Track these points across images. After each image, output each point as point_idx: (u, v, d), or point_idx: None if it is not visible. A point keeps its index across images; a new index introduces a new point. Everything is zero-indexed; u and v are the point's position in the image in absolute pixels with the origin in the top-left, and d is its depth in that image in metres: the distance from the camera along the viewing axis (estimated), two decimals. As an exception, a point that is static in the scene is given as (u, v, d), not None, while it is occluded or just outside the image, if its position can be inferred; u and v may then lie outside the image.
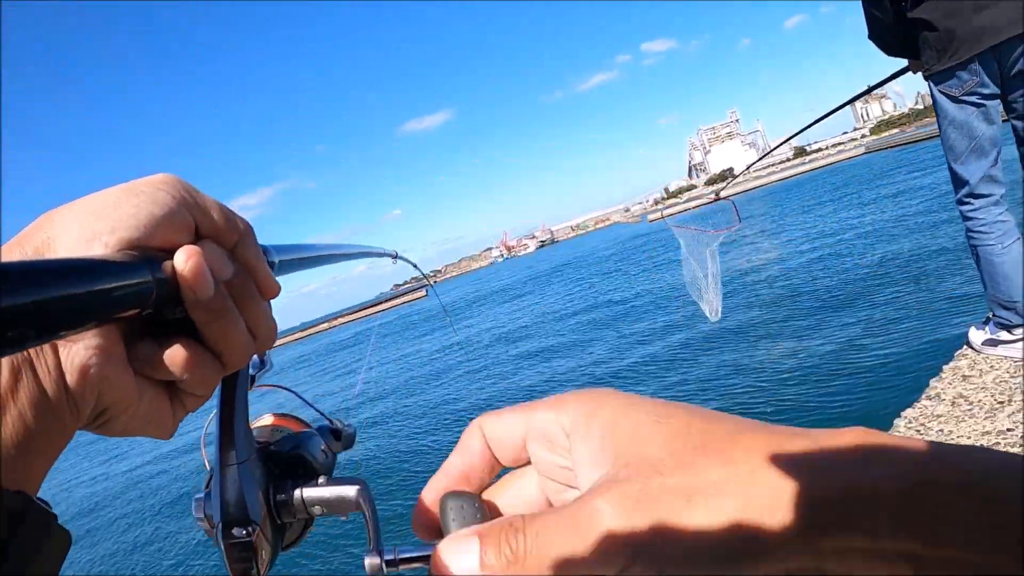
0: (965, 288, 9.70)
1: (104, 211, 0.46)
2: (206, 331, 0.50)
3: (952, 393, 3.40)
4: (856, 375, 7.65)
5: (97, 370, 0.45)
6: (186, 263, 0.46)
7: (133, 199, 0.47)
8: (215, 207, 0.53)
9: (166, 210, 0.48)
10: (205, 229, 0.51)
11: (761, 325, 11.77)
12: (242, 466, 0.63)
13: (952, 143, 3.64)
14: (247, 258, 0.54)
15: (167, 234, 0.48)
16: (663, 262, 28.49)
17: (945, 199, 20.56)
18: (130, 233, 0.45)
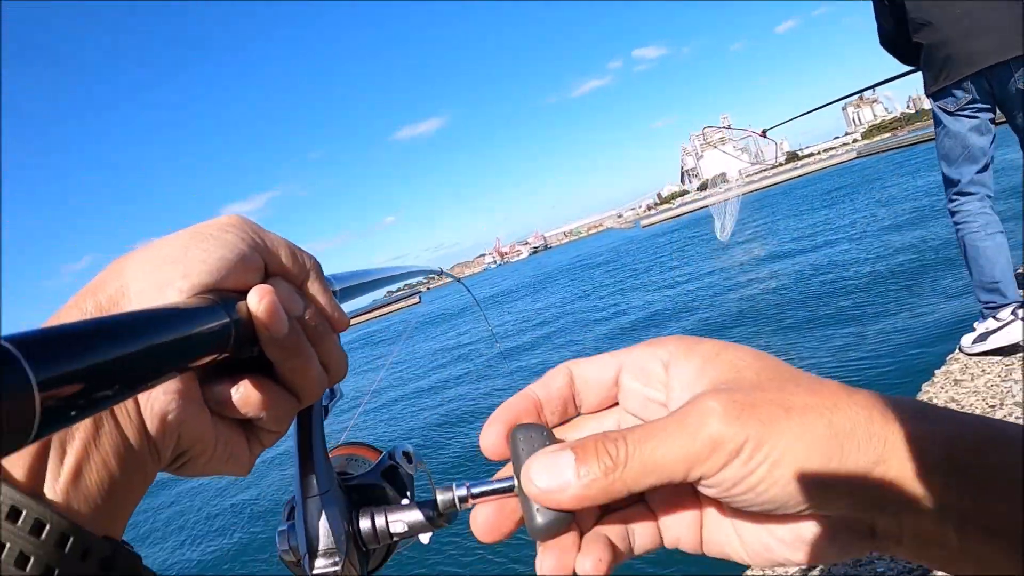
0: (956, 292, 9.72)
1: (175, 257, 0.47)
2: (281, 368, 0.51)
3: (944, 397, 3.39)
4: (848, 380, 7.66)
5: (176, 415, 0.46)
6: (260, 303, 0.47)
7: (202, 243, 0.48)
8: (283, 245, 0.54)
9: (236, 252, 0.48)
10: (274, 268, 0.52)
11: (752, 331, 11.79)
12: (324, 496, 0.64)
13: (947, 151, 4.00)
14: (316, 293, 0.55)
15: (238, 276, 0.48)
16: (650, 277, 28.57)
17: (935, 202, 20.64)
18: (202, 278, 0.46)
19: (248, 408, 0.49)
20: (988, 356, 3.73)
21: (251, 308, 0.47)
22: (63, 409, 0.29)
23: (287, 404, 0.52)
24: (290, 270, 0.53)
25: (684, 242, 42.66)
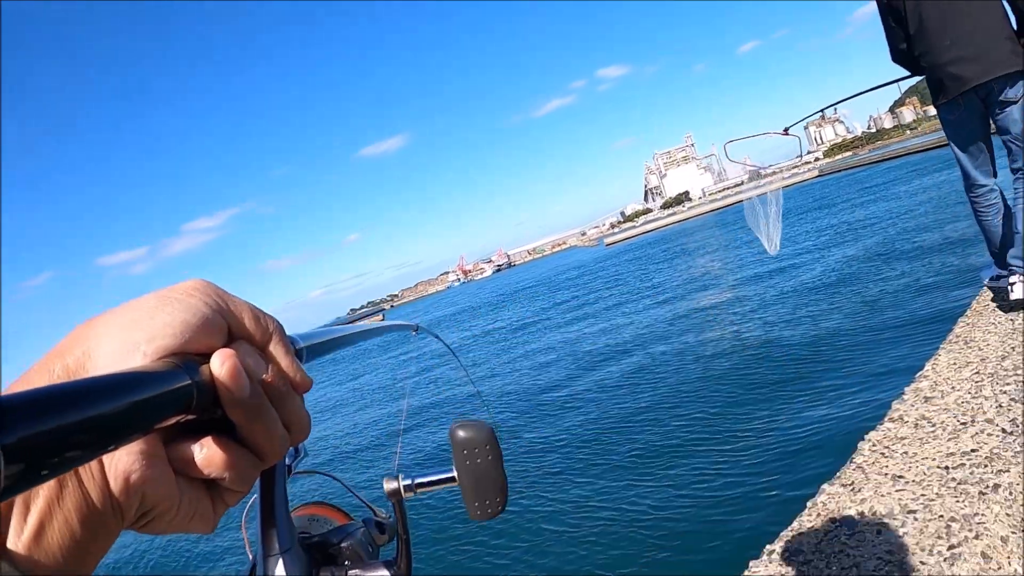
0: (922, 311, 9.80)
1: (140, 321, 0.48)
2: (244, 429, 0.52)
3: (915, 415, 3.37)
4: (820, 400, 7.67)
5: (139, 475, 0.46)
6: (222, 366, 0.48)
7: (167, 307, 0.49)
8: (246, 309, 0.55)
9: (200, 316, 0.50)
10: (237, 331, 0.53)
11: (719, 352, 11.81)
12: (285, 555, 0.66)
13: (956, 151, 4.98)
14: (278, 356, 0.56)
15: (202, 339, 0.49)
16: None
17: (895, 224, 21.00)
18: (167, 341, 0.47)
19: (211, 468, 0.50)
20: (957, 372, 3.73)
21: (214, 371, 0.48)
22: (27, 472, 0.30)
23: (250, 464, 0.53)
24: (252, 333, 0.54)
25: (646, 259, 42.92)
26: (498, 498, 0.79)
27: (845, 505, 2.68)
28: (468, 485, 0.78)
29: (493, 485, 0.79)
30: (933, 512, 2.44)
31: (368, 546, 0.78)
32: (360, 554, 0.75)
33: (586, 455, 8.66)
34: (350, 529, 0.78)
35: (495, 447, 0.79)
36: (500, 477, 0.79)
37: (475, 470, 0.78)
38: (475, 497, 0.79)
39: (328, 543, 0.75)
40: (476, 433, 0.78)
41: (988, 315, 4.57)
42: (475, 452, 0.78)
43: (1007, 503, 2.38)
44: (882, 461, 2.97)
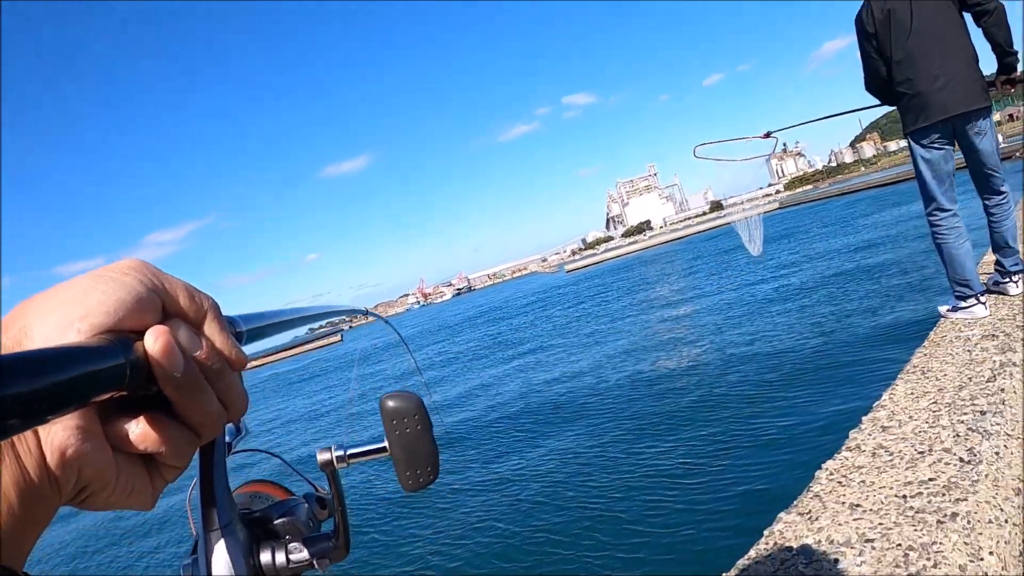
0: (880, 341, 9.89)
1: (76, 299, 0.48)
2: (179, 405, 0.52)
3: (872, 444, 3.35)
4: (777, 429, 7.68)
5: (76, 449, 0.47)
6: (156, 343, 0.49)
7: (102, 285, 0.49)
8: (180, 287, 0.55)
9: (134, 294, 0.50)
10: (172, 309, 0.54)
11: (675, 381, 11.82)
12: (225, 529, 0.66)
13: (925, 176, 5.19)
14: (213, 333, 0.56)
15: (137, 317, 0.50)
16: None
17: (853, 257, 21.27)
18: (101, 319, 0.48)
19: (147, 444, 0.51)
20: (915, 402, 3.73)
21: (147, 348, 0.49)
22: None
23: (186, 440, 0.54)
24: (187, 311, 0.55)
25: (606, 286, 43.08)
26: (429, 468, 0.80)
27: (802, 534, 2.64)
28: (399, 455, 0.79)
29: (424, 455, 0.79)
30: (891, 541, 2.40)
31: (309, 521, 0.78)
32: (300, 528, 0.76)
33: (537, 485, 8.60)
34: (291, 504, 0.79)
35: (424, 417, 0.79)
36: (430, 446, 0.80)
37: (405, 440, 0.78)
38: (406, 467, 0.79)
39: (268, 518, 0.75)
40: (405, 403, 0.78)
41: (946, 346, 4.58)
42: (404, 422, 0.78)
43: (964, 532, 2.35)
44: (840, 490, 2.94)
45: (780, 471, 6.54)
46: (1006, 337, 4.40)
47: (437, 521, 8.27)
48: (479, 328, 41.26)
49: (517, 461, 9.85)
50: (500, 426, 12.21)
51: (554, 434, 10.62)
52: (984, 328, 4.73)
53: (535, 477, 8.82)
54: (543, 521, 7.36)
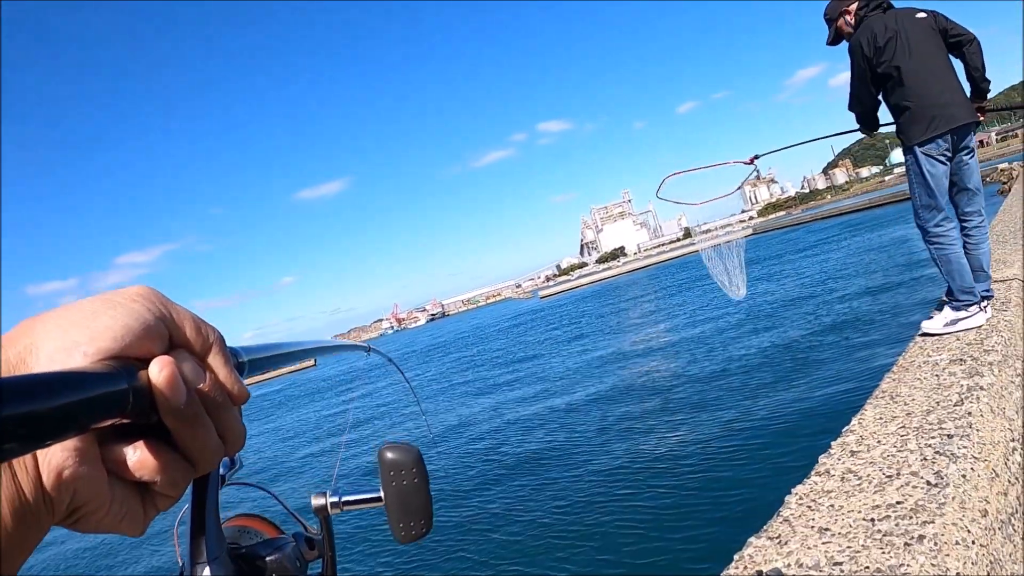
0: (849, 367, 9.94)
1: (83, 322, 0.48)
2: (178, 436, 0.52)
3: (841, 468, 3.37)
4: (746, 453, 7.70)
5: (72, 472, 0.47)
6: (160, 373, 0.49)
7: (111, 311, 0.49)
8: (188, 318, 0.55)
9: (142, 322, 0.50)
10: (178, 339, 0.54)
11: (647, 403, 11.83)
12: (212, 563, 0.66)
13: (931, 185, 5.22)
14: (217, 366, 0.56)
15: (143, 344, 0.50)
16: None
17: (823, 282, 21.47)
18: (108, 344, 0.48)
19: (143, 471, 0.51)
20: (884, 427, 3.75)
21: (152, 377, 0.49)
22: None
23: (182, 470, 0.54)
24: (193, 342, 0.55)
25: (579, 312, 43.10)
26: (423, 520, 0.81)
27: (771, 558, 2.65)
28: (394, 506, 0.80)
29: (418, 507, 0.80)
30: (859, 564, 2.42)
31: (296, 560, 0.77)
32: (287, 568, 0.75)
33: (512, 509, 8.57)
34: (279, 543, 0.78)
35: (422, 470, 0.80)
36: (426, 500, 0.81)
37: (401, 492, 0.79)
38: (400, 518, 0.80)
39: (256, 555, 0.74)
40: (404, 455, 0.79)
41: (914, 371, 4.62)
42: (402, 474, 0.79)
43: (932, 554, 2.37)
44: (809, 514, 2.95)
45: (749, 496, 6.55)
46: (973, 362, 4.44)
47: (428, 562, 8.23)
48: (454, 353, 41.15)
49: (491, 490, 9.82)
50: (477, 455, 12.18)
51: (526, 463, 10.60)
52: (952, 353, 4.78)
53: (507, 508, 8.79)
54: (509, 545, 7.33)
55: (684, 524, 6.49)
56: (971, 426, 3.44)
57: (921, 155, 5.26)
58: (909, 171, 5.40)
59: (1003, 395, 4.03)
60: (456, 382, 24.68)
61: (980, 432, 3.41)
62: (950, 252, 5.32)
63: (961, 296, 5.29)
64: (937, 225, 5.34)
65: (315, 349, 0.92)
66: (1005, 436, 3.57)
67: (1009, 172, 37.87)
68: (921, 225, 5.41)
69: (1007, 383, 4.22)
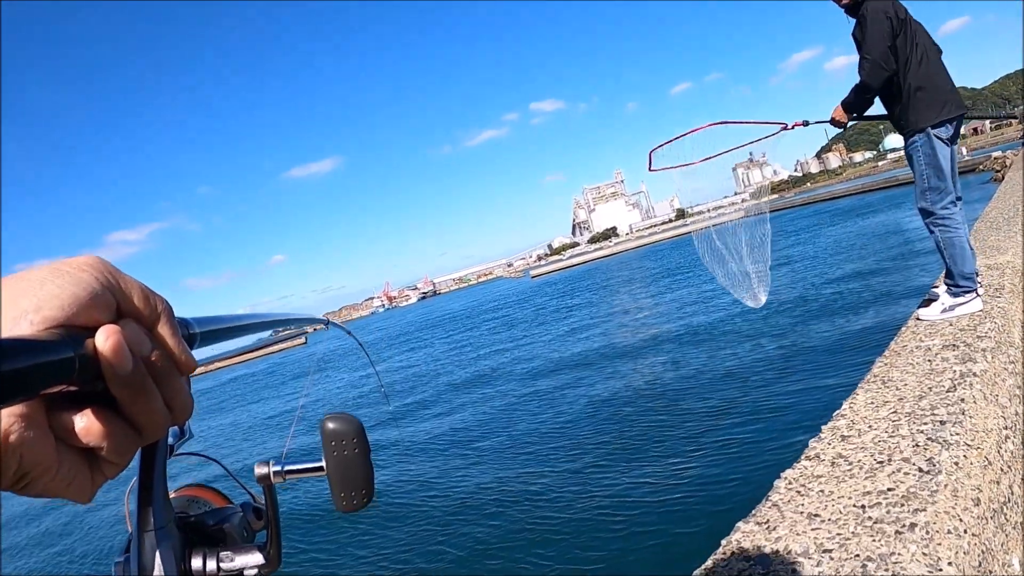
0: (840, 350, 9.93)
1: (30, 290, 0.49)
2: (125, 404, 0.53)
3: (832, 453, 3.33)
4: (736, 437, 7.68)
5: (18, 436, 0.47)
6: (106, 341, 0.49)
7: (58, 279, 0.50)
8: (135, 288, 0.56)
9: (88, 290, 0.51)
10: (126, 308, 0.54)
11: (635, 388, 11.82)
12: (159, 531, 0.68)
13: (942, 167, 5.24)
14: (165, 335, 0.57)
15: (90, 313, 0.50)
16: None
17: (815, 267, 21.50)
18: (54, 312, 0.48)
19: (90, 438, 0.51)
20: (875, 412, 3.72)
21: (98, 346, 0.49)
22: None
23: (129, 438, 0.54)
24: (141, 311, 0.55)
25: (570, 291, 43.13)
26: (363, 491, 0.81)
27: (760, 543, 2.61)
28: (335, 476, 0.80)
29: (359, 478, 0.80)
30: (849, 551, 2.37)
31: (243, 530, 0.80)
32: (234, 537, 0.77)
33: (492, 499, 8.55)
34: (227, 512, 0.80)
35: (363, 441, 0.80)
36: (366, 470, 0.81)
37: (342, 462, 0.79)
38: (341, 488, 0.80)
39: (204, 524, 0.76)
40: (345, 426, 0.80)
41: (906, 355, 4.59)
42: (343, 444, 0.79)
43: (923, 542, 2.33)
44: (798, 499, 2.91)
45: (738, 480, 6.53)
46: (966, 348, 4.41)
47: (379, 538, 8.21)
48: (444, 332, 41.17)
49: (469, 474, 9.80)
50: (454, 438, 12.17)
51: (511, 446, 10.58)
52: (945, 338, 4.75)
53: (490, 491, 8.76)
54: (498, 533, 7.30)
55: (671, 509, 6.47)
56: (964, 413, 3.40)
57: (935, 137, 5.27)
58: (918, 153, 5.36)
59: (996, 382, 3.99)
60: (441, 363, 24.68)
61: (973, 419, 3.37)
62: (955, 235, 5.32)
63: (961, 282, 5.31)
64: (944, 207, 5.34)
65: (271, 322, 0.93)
66: (998, 423, 3.54)
67: (1003, 160, 37.97)
68: (927, 208, 5.38)
69: (1000, 370, 4.18)
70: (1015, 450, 3.51)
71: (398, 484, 10.03)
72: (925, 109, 5.25)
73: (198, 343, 0.66)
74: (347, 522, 8.81)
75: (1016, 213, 9.79)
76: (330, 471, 0.79)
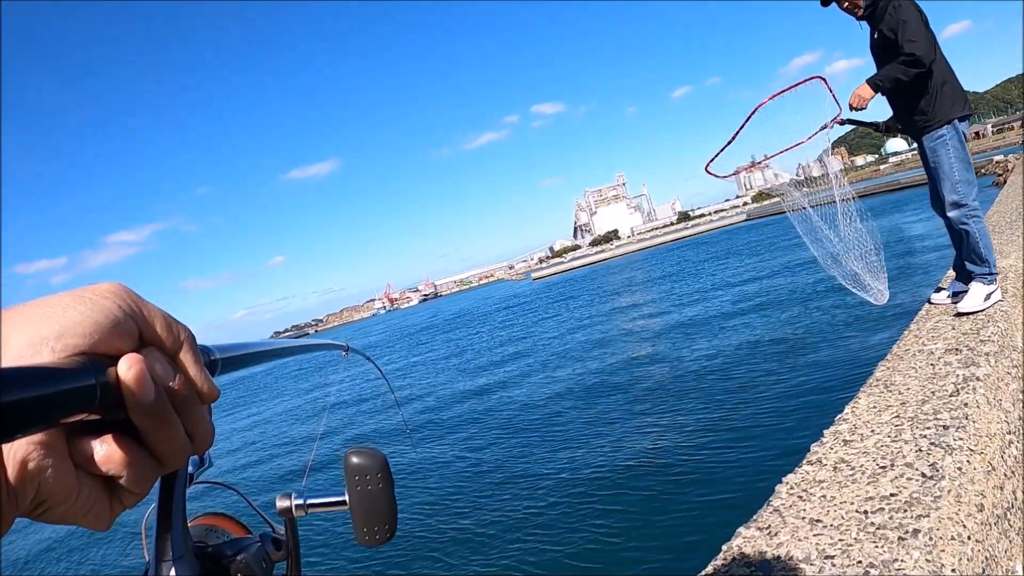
0: (843, 354, 9.90)
1: (52, 317, 0.48)
2: (146, 434, 0.52)
3: (834, 458, 3.31)
4: (738, 441, 7.66)
5: (37, 464, 0.46)
6: (129, 370, 0.49)
7: (80, 307, 0.49)
8: (159, 316, 0.55)
9: (111, 319, 0.50)
10: (148, 337, 0.54)
11: (639, 390, 11.79)
12: (177, 561, 0.66)
13: (967, 161, 5.33)
14: (187, 365, 0.56)
15: (112, 341, 0.50)
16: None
17: (818, 270, 21.45)
18: (76, 340, 0.47)
19: (110, 467, 0.50)
20: (878, 416, 3.69)
21: (120, 374, 0.48)
22: None
23: (149, 468, 0.53)
24: (164, 340, 0.55)
25: (572, 294, 43.13)
26: (387, 525, 0.81)
27: (761, 549, 2.58)
28: (358, 510, 0.80)
29: (383, 512, 0.80)
30: (851, 558, 2.35)
31: (262, 561, 0.78)
32: (253, 568, 0.75)
33: (495, 504, 8.53)
34: (246, 543, 0.78)
35: (387, 475, 0.80)
36: (390, 505, 0.80)
37: (366, 496, 0.79)
38: (364, 523, 0.80)
39: (222, 554, 0.75)
40: (369, 460, 0.80)
41: (909, 359, 4.57)
42: (367, 479, 0.79)
43: (926, 549, 2.31)
44: (800, 504, 2.89)
45: (740, 485, 6.51)
46: (969, 352, 4.39)
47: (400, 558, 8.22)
48: (448, 334, 41.18)
49: (478, 481, 9.79)
50: (458, 448, 12.15)
51: (509, 453, 10.57)
52: (947, 342, 4.72)
53: (494, 497, 8.74)
54: (493, 534, 7.29)
55: (672, 514, 6.45)
56: (967, 417, 3.38)
57: (962, 129, 5.35)
58: (946, 146, 5.35)
59: (999, 386, 3.97)
60: (441, 367, 24.68)
61: (976, 424, 3.35)
62: (980, 227, 5.38)
63: (993, 270, 5.40)
64: (975, 199, 5.37)
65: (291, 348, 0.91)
66: (1001, 428, 3.52)
67: (1004, 164, 37.95)
68: (959, 200, 5.36)
69: (1003, 374, 4.17)
70: (1018, 455, 3.49)
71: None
72: (952, 101, 5.28)
73: (219, 370, 0.66)
74: (356, 551, 8.81)
75: (1018, 217, 9.78)
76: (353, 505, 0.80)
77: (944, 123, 5.30)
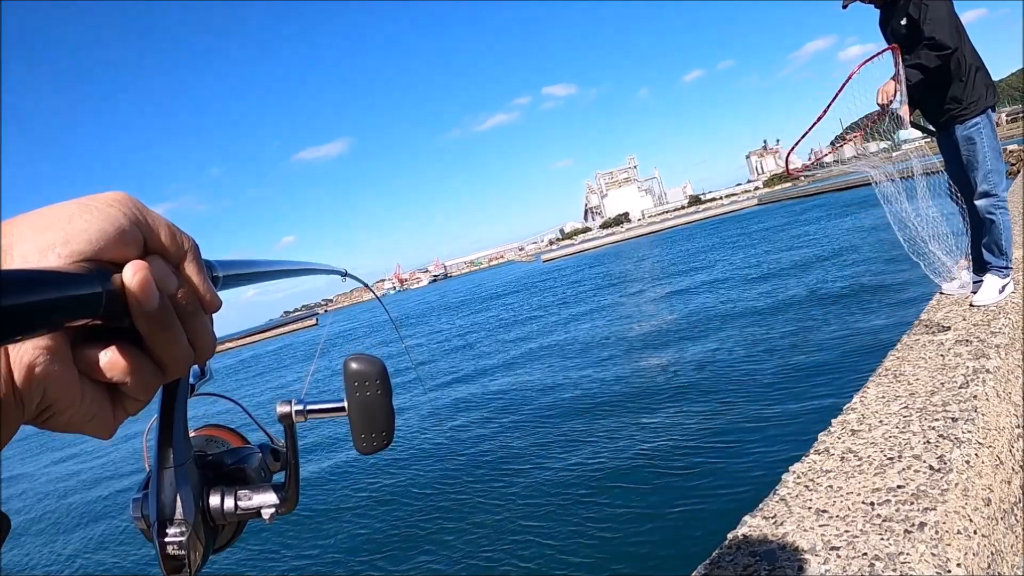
0: (852, 343, 9.87)
1: (58, 224, 0.49)
2: (149, 341, 0.53)
3: (841, 448, 3.30)
4: (745, 430, 7.64)
5: (43, 368, 0.47)
6: (133, 277, 0.50)
7: (86, 214, 0.50)
8: (163, 225, 0.56)
9: (117, 226, 0.51)
10: (153, 245, 0.55)
11: (644, 379, 11.79)
12: (179, 469, 0.68)
13: (999, 151, 5.28)
14: (191, 274, 0.58)
15: (117, 249, 0.50)
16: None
17: (828, 259, 21.44)
18: (82, 246, 0.48)
19: (113, 372, 0.52)
20: (886, 406, 3.68)
21: (125, 281, 0.49)
22: None
23: (152, 374, 0.55)
24: (168, 249, 0.56)
25: (582, 276, 43.07)
26: (384, 432, 0.82)
27: (766, 538, 2.58)
28: (357, 417, 0.80)
29: (381, 419, 0.81)
30: (856, 550, 2.35)
31: (261, 471, 0.81)
32: (251, 477, 0.78)
33: (496, 485, 8.55)
34: (245, 453, 0.81)
35: (385, 382, 0.81)
36: (388, 412, 0.81)
37: (364, 403, 0.80)
38: (362, 429, 0.81)
39: (222, 463, 0.77)
40: (368, 366, 0.80)
41: (919, 349, 4.54)
42: (366, 385, 0.80)
43: (932, 542, 2.30)
44: (806, 494, 2.88)
45: (746, 473, 6.50)
46: (980, 343, 4.36)
47: (390, 490, 8.24)
48: (459, 315, 41.22)
49: (482, 449, 9.81)
50: (469, 414, 12.17)
51: (524, 430, 10.57)
52: (958, 333, 4.70)
53: (502, 474, 8.76)
54: (503, 522, 7.30)
55: (678, 500, 6.45)
56: (976, 410, 3.36)
57: (993, 116, 5.31)
58: (981, 135, 5.26)
59: (1009, 379, 3.96)
60: (455, 347, 24.72)
61: (985, 417, 3.33)
62: (1008, 219, 5.37)
63: (1010, 263, 5.38)
64: (1004, 189, 5.35)
65: (291, 270, 0.94)
66: (1011, 422, 3.50)
67: (1019, 153, 37.69)
68: (990, 190, 5.29)
69: (1013, 367, 4.15)
70: (1027, 449, 3.48)
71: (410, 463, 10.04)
72: (985, 88, 5.23)
73: (221, 285, 0.67)
74: (350, 513, 8.84)
75: (1030, 208, 9.73)
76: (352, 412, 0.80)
77: (979, 112, 5.22)
